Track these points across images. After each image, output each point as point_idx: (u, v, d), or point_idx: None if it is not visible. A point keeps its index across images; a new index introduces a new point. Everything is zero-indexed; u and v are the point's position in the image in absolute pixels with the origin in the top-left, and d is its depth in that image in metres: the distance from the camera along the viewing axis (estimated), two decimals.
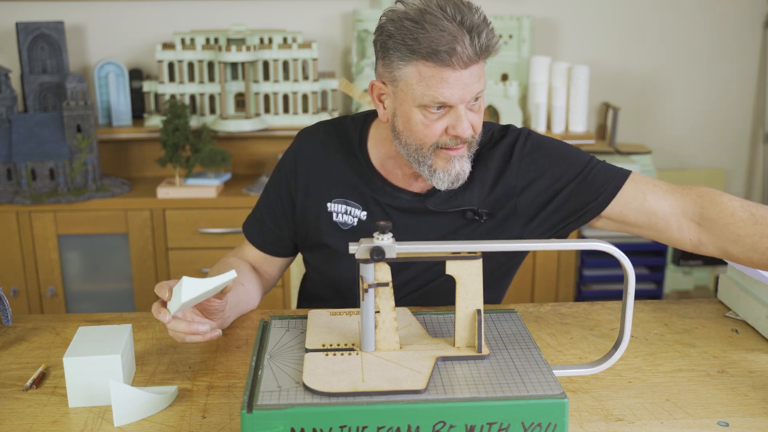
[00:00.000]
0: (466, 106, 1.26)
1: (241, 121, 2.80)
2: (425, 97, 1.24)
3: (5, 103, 2.70)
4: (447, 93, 1.23)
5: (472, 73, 1.23)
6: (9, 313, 1.37)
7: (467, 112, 1.26)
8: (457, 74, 1.22)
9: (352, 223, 1.42)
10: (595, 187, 1.37)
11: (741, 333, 1.35)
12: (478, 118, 1.29)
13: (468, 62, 1.21)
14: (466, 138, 1.27)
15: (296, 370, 1.02)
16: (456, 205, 1.39)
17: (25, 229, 2.67)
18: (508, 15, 3.00)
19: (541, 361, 1.05)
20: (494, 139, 1.43)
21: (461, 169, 1.31)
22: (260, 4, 3.04)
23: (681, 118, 3.32)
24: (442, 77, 1.22)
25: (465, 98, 1.24)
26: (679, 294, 3.28)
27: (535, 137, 1.43)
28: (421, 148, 1.29)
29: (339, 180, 1.43)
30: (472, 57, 1.21)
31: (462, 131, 1.26)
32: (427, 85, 1.23)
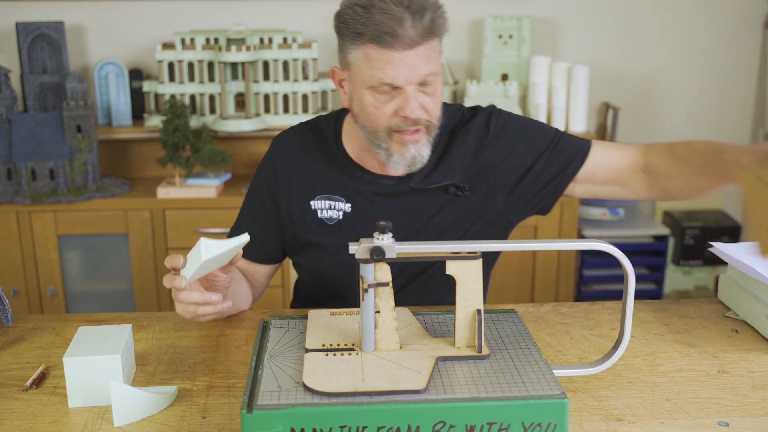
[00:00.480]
0: (418, 89, 1.28)
1: (241, 121, 2.80)
2: (372, 79, 1.27)
3: (5, 103, 2.70)
4: (392, 74, 1.26)
5: (417, 54, 1.25)
6: (9, 313, 1.37)
7: (417, 94, 1.29)
8: (401, 55, 1.25)
9: (337, 216, 1.44)
10: (567, 154, 1.44)
11: (741, 333, 1.35)
12: (432, 101, 1.31)
13: (412, 43, 1.24)
14: (414, 118, 1.29)
15: (296, 370, 1.02)
16: (437, 181, 1.42)
17: (25, 229, 2.68)
18: (508, 15, 3.00)
19: (541, 361, 1.05)
20: (465, 117, 1.47)
21: (417, 153, 1.33)
22: (260, 4, 3.04)
23: (681, 118, 3.32)
24: (387, 59, 1.25)
25: (411, 79, 1.27)
26: (679, 294, 3.28)
27: (505, 113, 1.48)
28: (375, 131, 1.32)
29: (320, 177, 1.45)
30: (416, 38, 1.24)
31: (409, 112, 1.28)
32: (374, 67, 1.26)
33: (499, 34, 3.00)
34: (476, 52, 3.14)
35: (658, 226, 3.01)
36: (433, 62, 1.28)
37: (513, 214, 1.48)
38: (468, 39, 3.15)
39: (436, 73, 1.29)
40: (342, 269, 1.45)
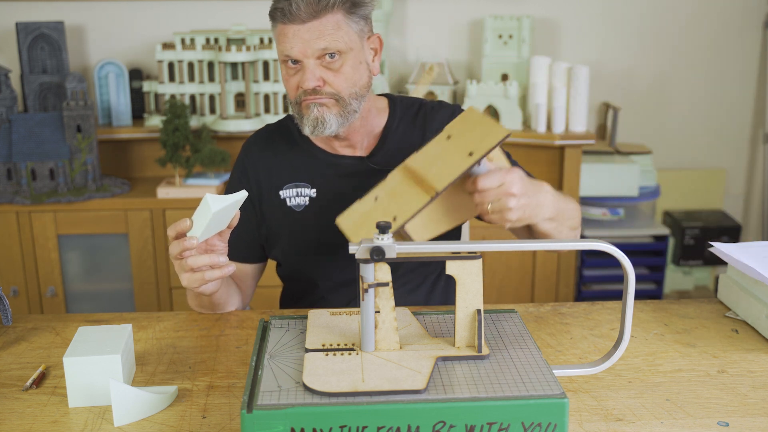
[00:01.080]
0: (320, 63, 1.36)
1: (241, 121, 2.80)
2: (280, 53, 1.39)
3: (5, 103, 2.70)
4: (288, 46, 1.35)
5: (311, 28, 1.33)
6: (9, 313, 1.37)
7: (318, 68, 1.36)
8: (295, 29, 1.34)
9: (304, 203, 1.50)
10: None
11: (741, 333, 1.35)
12: (337, 77, 1.37)
13: (305, 18, 1.33)
14: (308, 89, 1.36)
15: (296, 370, 1.02)
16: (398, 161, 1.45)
17: (25, 229, 2.67)
18: (508, 15, 3.00)
19: (541, 361, 1.05)
20: (429, 106, 1.54)
21: (321, 116, 1.39)
22: (260, 4, 3.03)
23: (681, 119, 3.32)
24: (284, 33, 1.36)
25: (306, 52, 1.35)
26: (679, 294, 3.28)
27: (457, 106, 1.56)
28: (291, 101, 1.42)
29: (286, 166, 1.51)
30: (304, 15, 1.32)
31: (302, 82, 1.36)
32: (279, 42, 1.38)
33: (499, 34, 3.00)
34: (476, 52, 3.14)
35: (658, 226, 3.01)
36: (330, 37, 1.34)
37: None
38: (468, 39, 3.15)
39: (339, 49, 1.35)
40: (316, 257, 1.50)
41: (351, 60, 1.38)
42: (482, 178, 1.17)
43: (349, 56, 1.37)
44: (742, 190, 3.44)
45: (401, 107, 1.54)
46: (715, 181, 3.36)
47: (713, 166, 3.38)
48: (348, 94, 1.39)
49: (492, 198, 1.18)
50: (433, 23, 3.12)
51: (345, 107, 1.40)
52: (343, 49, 1.35)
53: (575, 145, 2.81)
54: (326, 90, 1.37)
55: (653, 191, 3.00)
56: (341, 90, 1.38)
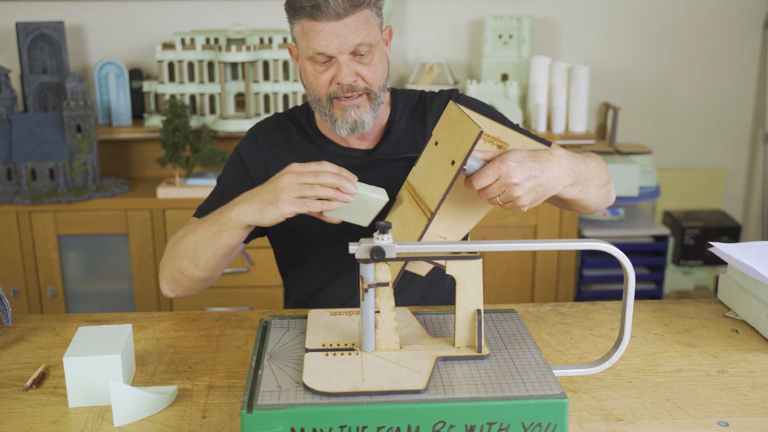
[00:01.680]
0: (353, 58, 1.36)
1: (241, 121, 2.80)
2: (308, 50, 1.36)
3: (5, 103, 2.70)
4: (323, 43, 1.34)
5: (347, 24, 1.33)
6: (9, 313, 1.37)
7: (352, 63, 1.36)
8: (329, 26, 1.33)
9: None
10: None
11: (741, 333, 1.35)
12: (368, 70, 1.38)
13: (339, 14, 1.32)
14: (347, 84, 1.36)
15: (296, 370, 1.02)
16: (402, 152, 1.49)
17: (25, 229, 2.67)
18: (508, 15, 3.00)
19: (541, 361, 1.05)
20: (427, 95, 1.56)
21: (359, 118, 1.40)
22: (260, 4, 3.03)
23: (681, 119, 3.32)
24: (317, 30, 1.34)
25: (342, 48, 1.34)
26: (679, 294, 3.28)
27: (465, 96, 1.56)
28: (319, 99, 1.40)
29: (298, 157, 1.51)
30: (340, 10, 1.32)
31: (341, 78, 1.36)
32: (308, 38, 1.35)
33: (499, 34, 3.00)
34: (476, 52, 3.14)
35: (658, 226, 3.01)
36: (363, 32, 1.34)
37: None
38: (468, 39, 3.15)
39: (370, 43, 1.36)
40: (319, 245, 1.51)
41: (378, 53, 1.39)
42: (476, 179, 1.15)
43: (377, 49, 1.39)
44: (742, 190, 3.44)
45: (403, 99, 1.55)
46: (715, 181, 3.36)
47: (713, 166, 3.38)
48: (378, 87, 1.41)
49: (496, 193, 1.15)
50: (433, 23, 3.12)
51: (374, 100, 1.41)
52: (373, 42, 1.37)
53: (575, 145, 2.81)
54: (360, 85, 1.38)
55: (653, 191, 3.00)
56: (374, 83, 1.39)
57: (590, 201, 1.35)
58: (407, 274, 1.53)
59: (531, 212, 2.78)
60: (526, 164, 1.16)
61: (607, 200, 1.42)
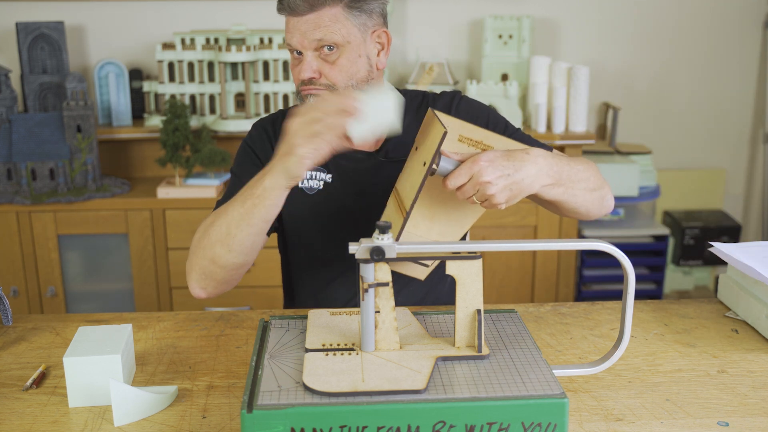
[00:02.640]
0: (318, 55, 1.38)
1: (241, 121, 2.80)
2: (286, 44, 1.42)
3: (5, 103, 2.70)
4: (289, 37, 1.40)
5: (308, 20, 1.36)
6: (9, 313, 1.37)
7: (316, 60, 1.38)
8: (295, 20, 1.38)
9: (318, 186, 1.50)
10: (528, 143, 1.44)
11: (741, 333, 1.35)
12: (333, 69, 1.39)
13: (303, 11, 1.36)
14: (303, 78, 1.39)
15: (296, 370, 1.02)
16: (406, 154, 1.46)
17: (25, 229, 2.67)
18: (508, 15, 3.00)
19: (541, 361, 1.05)
20: (430, 96, 1.56)
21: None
22: (260, 4, 3.03)
23: (681, 119, 3.32)
24: (288, 24, 1.40)
25: (303, 44, 1.38)
26: (679, 294, 3.28)
27: (467, 98, 1.56)
28: (297, 91, 1.43)
29: None
30: (303, 7, 1.35)
31: (298, 72, 1.40)
32: (286, 31, 1.41)
33: (499, 34, 3.00)
34: (476, 52, 3.14)
35: (658, 226, 3.01)
36: (326, 29, 1.36)
37: None
38: (468, 39, 3.15)
39: (335, 42, 1.37)
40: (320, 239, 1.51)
41: (349, 53, 1.39)
42: (450, 179, 1.16)
43: (347, 49, 1.38)
44: (742, 190, 3.44)
45: (406, 100, 1.55)
46: (715, 181, 3.36)
47: (713, 166, 3.38)
48: (344, 86, 1.40)
49: (471, 192, 1.17)
50: (433, 23, 3.12)
51: None
52: (339, 41, 1.37)
53: (575, 145, 2.81)
54: (322, 81, 1.39)
55: (653, 191, 3.00)
56: (336, 82, 1.39)
57: (577, 204, 1.33)
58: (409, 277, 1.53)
59: (531, 212, 2.78)
60: (498, 163, 1.17)
61: (600, 206, 1.39)
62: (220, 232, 1.33)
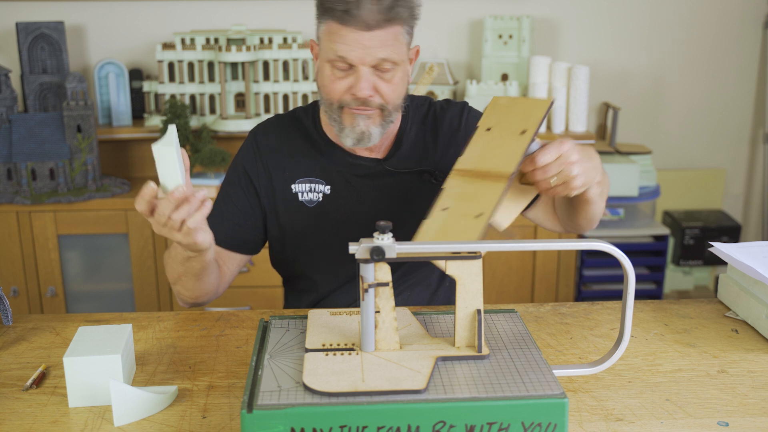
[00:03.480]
0: (374, 72, 1.32)
1: (241, 121, 2.80)
2: (330, 52, 1.32)
3: (5, 103, 2.70)
4: (345, 50, 1.30)
5: (374, 37, 1.29)
6: (9, 313, 1.37)
7: (372, 76, 1.32)
8: (357, 35, 1.28)
9: (317, 199, 1.47)
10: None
11: (741, 333, 1.35)
12: (389, 87, 1.34)
13: (369, 25, 1.28)
14: (362, 98, 1.32)
15: (296, 370, 1.02)
16: (412, 166, 1.47)
17: (25, 229, 2.67)
18: (508, 15, 3.00)
19: (541, 361, 1.05)
20: (437, 106, 1.52)
21: (367, 130, 1.36)
22: (260, 4, 3.04)
23: (681, 118, 3.32)
24: (342, 35, 1.29)
25: (364, 60, 1.30)
26: (679, 294, 3.28)
27: (475, 111, 1.54)
28: (331, 103, 1.36)
29: (300, 161, 1.48)
30: (371, 22, 1.27)
31: (358, 90, 1.32)
32: (332, 40, 1.31)
33: (499, 34, 3.00)
34: (476, 52, 3.14)
35: (658, 226, 3.01)
36: (390, 49, 1.31)
37: None
38: (468, 39, 3.15)
39: (395, 61, 1.32)
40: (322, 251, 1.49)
41: (401, 72, 1.36)
42: (540, 155, 1.17)
43: (400, 68, 1.35)
44: (742, 190, 3.44)
45: (413, 108, 1.51)
46: (715, 181, 3.36)
47: (713, 166, 3.38)
48: (394, 105, 1.37)
49: (555, 171, 1.17)
50: (433, 23, 3.12)
51: (387, 117, 1.38)
52: (398, 60, 1.33)
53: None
54: (375, 101, 1.34)
55: (653, 191, 3.00)
56: (390, 101, 1.35)
57: (598, 211, 1.36)
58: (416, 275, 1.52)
59: None
60: (578, 149, 1.20)
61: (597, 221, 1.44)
62: (173, 277, 1.40)
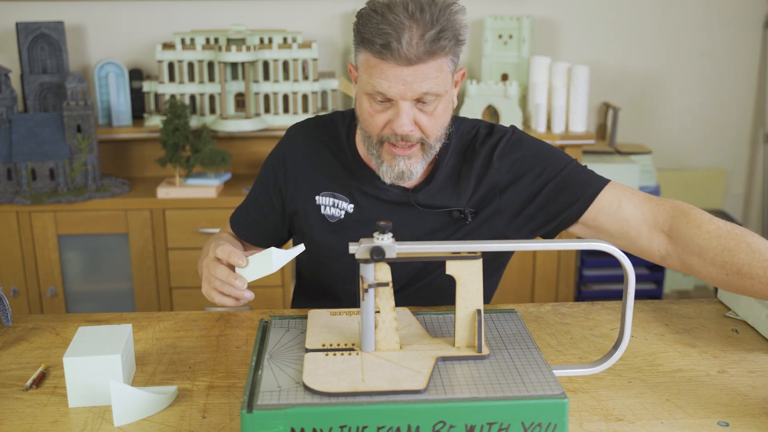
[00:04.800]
0: (414, 105, 1.26)
1: (241, 121, 2.80)
2: (368, 86, 1.26)
3: (5, 103, 2.70)
4: (385, 85, 1.23)
5: (416, 71, 1.22)
6: (9, 313, 1.37)
7: (413, 110, 1.26)
8: (397, 70, 1.22)
9: (339, 215, 1.44)
10: (575, 190, 1.37)
11: (741, 333, 1.35)
12: (429, 120, 1.28)
13: (410, 60, 1.20)
14: (402, 134, 1.27)
15: (296, 370, 1.02)
16: (442, 205, 1.40)
17: (25, 229, 2.67)
18: (508, 15, 3.00)
19: (541, 361, 1.05)
20: (480, 137, 1.43)
21: (407, 168, 1.31)
22: (260, 4, 3.03)
23: (681, 118, 3.32)
24: (381, 69, 1.23)
25: (405, 95, 1.24)
26: (679, 294, 3.28)
27: (518, 136, 1.43)
28: (369, 136, 1.31)
29: (327, 173, 1.45)
30: (412, 57, 1.20)
31: (397, 126, 1.26)
32: (370, 74, 1.25)
33: (499, 34, 3.00)
34: (476, 52, 3.14)
35: None
36: (433, 81, 1.23)
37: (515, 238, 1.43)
38: (468, 39, 3.15)
39: (437, 93, 1.25)
40: (338, 269, 1.46)
41: (444, 102, 1.29)
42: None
43: (444, 99, 1.28)
44: (742, 190, 3.44)
45: (456, 136, 1.42)
46: (715, 181, 3.36)
47: (713, 165, 3.38)
48: (435, 138, 1.31)
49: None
50: None
51: (428, 151, 1.32)
52: (441, 92, 1.26)
53: (575, 145, 2.81)
54: (415, 135, 1.28)
55: (653, 191, 3.00)
56: (431, 135, 1.29)
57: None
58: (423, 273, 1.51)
59: None
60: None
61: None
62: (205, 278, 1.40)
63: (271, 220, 1.52)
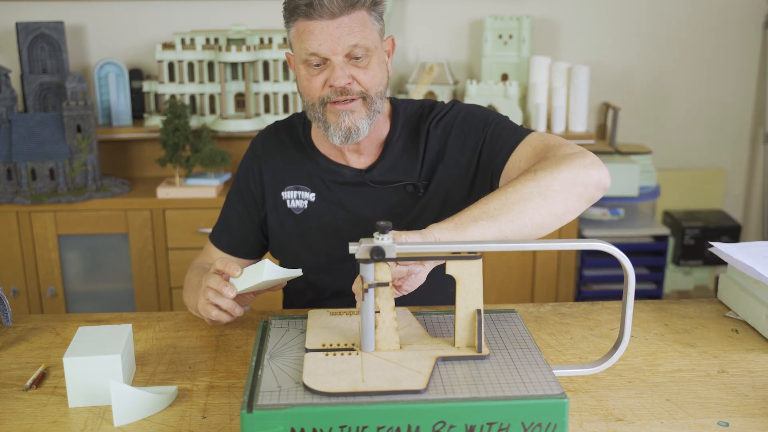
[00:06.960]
0: (348, 61, 1.33)
1: (241, 121, 2.80)
2: (302, 52, 1.33)
3: (5, 103, 2.70)
4: (315, 44, 1.31)
5: (340, 24, 1.30)
6: (9, 313, 1.37)
7: (347, 66, 1.33)
8: (323, 25, 1.30)
9: (303, 206, 1.50)
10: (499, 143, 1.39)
11: (741, 333, 1.35)
12: (365, 74, 1.34)
13: (333, 13, 1.29)
14: (340, 87, 1.32)
15: (296, 370, 1.02)
16: (394, 180, 1.46)
17: (25, 229, 2.67)
18: (508, 15, 3.00)
19: (541, 361, 1.05)
20: (424, 115, 1.49)
21: (353, 124, 1.36)
22: (260, 4, 3.03)
23: (681, 118, 3.32)
24: (310, 30, 1.31)
25: (335, 49, 1.31)
26: (679, 294, 3.28)
27: (453, 106, 1.49)
28: (313, 104, 1.37)
29: (290, 168, 1.51)
30: (334, 9, 1.29)
31: (334, 80, 1.32)
32: (302, 39, 1.33)
33: (499, 34, 3.00)
34: (476, 52, 3.14)
35: (658, 226, 3.01)
36: (359, 34, 1.31)
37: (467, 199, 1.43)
38: (468, 39, 3.15)
39: (367, 47, 1.33)
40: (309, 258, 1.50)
41: (376, 58, 1.36)
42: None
43: (375, 54, 1.35)
44: (742, 190, 3.44)
45: (404, 116, 1.50)
46: (715, 181, 3.36)
47: (713, 166, 3.38)
48: (375, 92, 1.37)
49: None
50: (433, 23, 3.12)
51: (371, 106, 1.37)
52: (370, 46, 1.33)
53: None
54: (354, 89, 1.34)
55: (653, 191, 3.00)
56: (370, 88, 1.35)
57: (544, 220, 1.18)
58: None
59: None
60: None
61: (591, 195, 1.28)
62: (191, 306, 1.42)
63: (249, 224, 1.57)
